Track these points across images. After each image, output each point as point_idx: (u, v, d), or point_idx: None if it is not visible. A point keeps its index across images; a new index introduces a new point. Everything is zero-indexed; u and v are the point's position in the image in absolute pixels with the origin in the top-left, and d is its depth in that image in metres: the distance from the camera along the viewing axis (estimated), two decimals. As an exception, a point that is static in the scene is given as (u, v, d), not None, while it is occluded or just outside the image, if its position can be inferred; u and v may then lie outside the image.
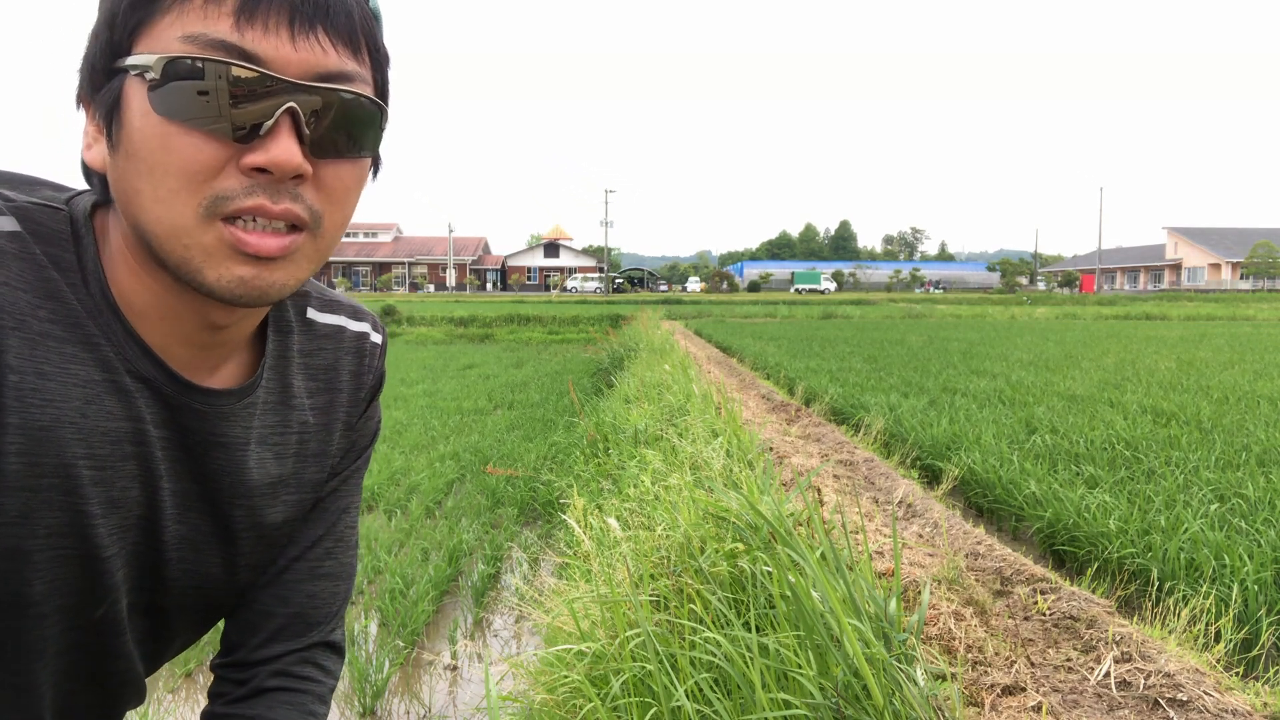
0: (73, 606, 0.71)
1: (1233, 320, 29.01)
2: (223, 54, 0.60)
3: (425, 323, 29.58)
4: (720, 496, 2.47)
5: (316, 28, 0.63)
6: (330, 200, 0.68)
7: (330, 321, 0.90)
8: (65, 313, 0.65)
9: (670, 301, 45.24)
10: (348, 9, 0.65)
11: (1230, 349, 14.56)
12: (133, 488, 0.71)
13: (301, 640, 0.92)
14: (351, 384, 0.91)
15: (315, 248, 0.69)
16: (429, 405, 10.63)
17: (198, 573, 0.81)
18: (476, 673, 3.72)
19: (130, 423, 0.70)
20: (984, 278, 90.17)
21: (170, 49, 0.60)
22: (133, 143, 0.62)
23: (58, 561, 0.68)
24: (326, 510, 0.93)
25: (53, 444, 0.64)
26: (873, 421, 6.88)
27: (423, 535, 5.32)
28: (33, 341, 0.63)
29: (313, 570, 0.92)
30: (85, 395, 0.66)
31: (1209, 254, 69.56)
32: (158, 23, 0.61)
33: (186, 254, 0.63)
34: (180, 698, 3.46)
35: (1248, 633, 3.03)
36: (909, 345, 16.51)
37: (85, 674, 0.78)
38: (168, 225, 0.63)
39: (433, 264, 75.91)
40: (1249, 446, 5.60)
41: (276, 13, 0.61)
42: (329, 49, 0.64)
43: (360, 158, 0.70)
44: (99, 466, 0.68)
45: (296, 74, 0.63)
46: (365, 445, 0.97)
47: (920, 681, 1.68)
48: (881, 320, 31.03)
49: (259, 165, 0.62)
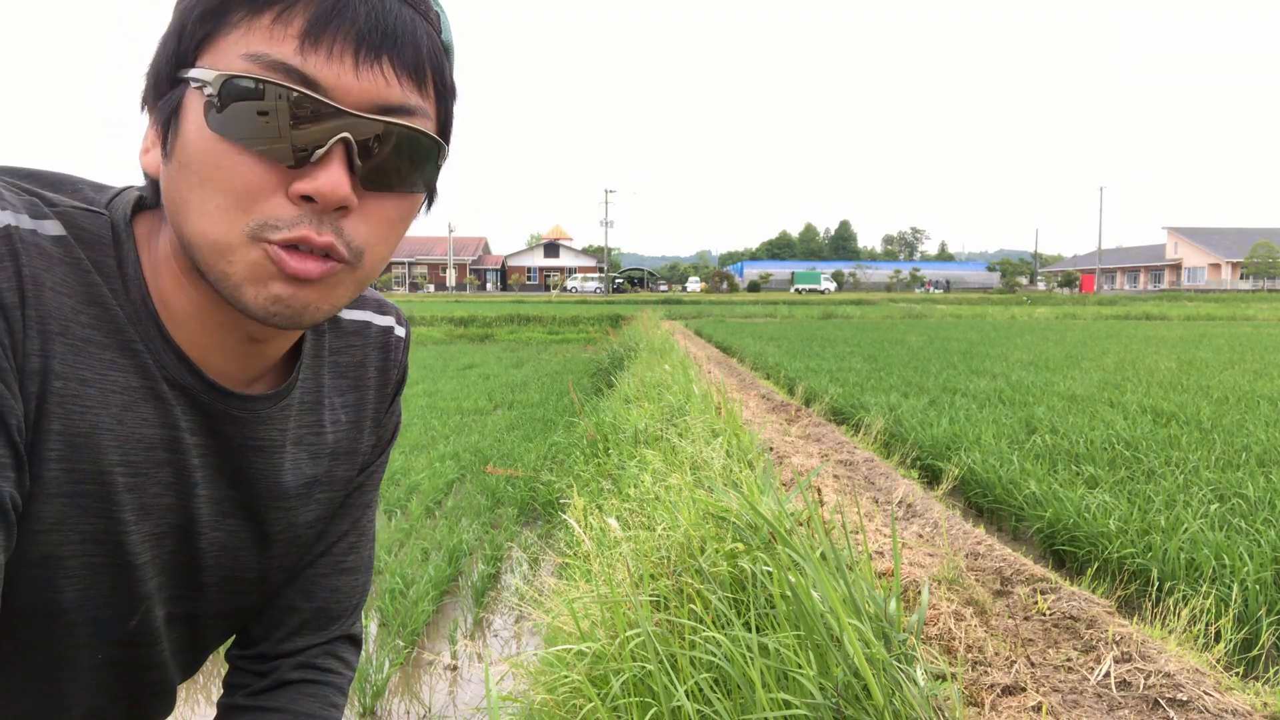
0: (107, 619, 0.71)
1: (1233, 320, 29.00)
2: (283, 77, 0.60)
3: (425, 323, 29.57)
4: (720, 496, 2.47)
5: (382, 58, 0.62)
6: (374, 233, 0.67)
7: (356, 317, 0.89)
8: (107, 318, 0.65)
9: (670, 301, 45.24)
10: (416, 41, 0.64)
11: (1230, 349, 14.56)
12: (166, 495, 0.71)
13: (325, 634, 0.92)
14: (378, 380, 0.91)
15: (354, 278, 0.68)
16: (429, 405, 10.63)
17: (234, 578, 0.81)
18: (476, 673, 3.72)
19: (165, 430, 0.69)
20: (984, 278, 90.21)
21: (233, 66, 0.60)
22: (186, 154, 0.62)
23: (90, 569, 0.67)
24: (352, 506, 0.93)
25: (90, 450, 0.64)
26: (873, 421, 6.88)
27: (423, 535, 5.32)
28: (75, 347, 0.63)
29: (337, 565, 0.92)
30: (123, 402, 0.66)
31: (1209, 254, 69.57)
32: (225, 38, 0.61)
33: (228, 270, 0.63)
34: (180, 698, 3.46)
35: (1248, 633, 3.03)
36: (909, 345, 16.51)
37: (118, 688, 0.78)
38: (211, 240, 0.62)
39: (433, 264, 75.92)
40: (1249, 446, 5.59)
41: (343, 39, 0.60)
42: (392, 80, 0.63)
43: (412, 193, 0.69)
44: (133, 473, 0.68)
45: (356, 104, 0.62)
46: (388, 441, 0.97)
47: (920, 681, 1.68)
48: (881, 320, 31.02)
49: (306, 193, 0.61)
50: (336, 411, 0.86)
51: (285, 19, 0.59)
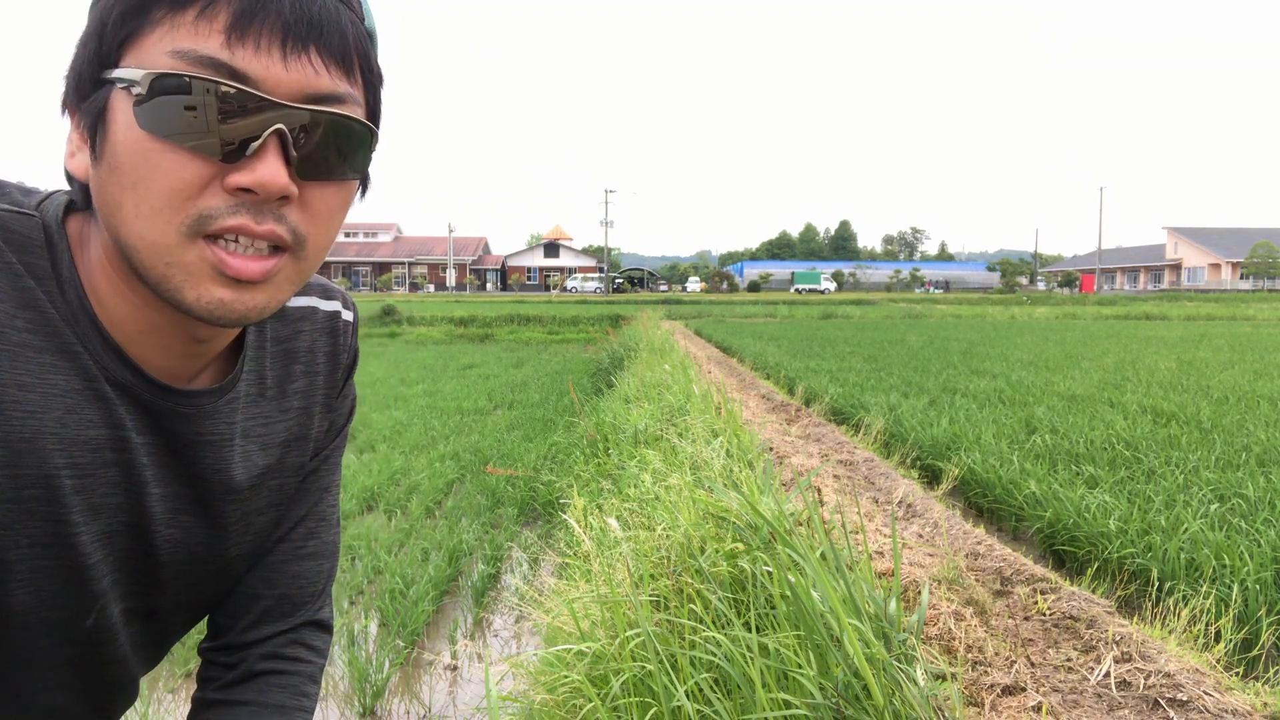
0: (62, 620, 0.71)
1: (1233, 320, 29.00)
2: (212, 72, 0.60)
3: (425, 323, 29.57)
4: (720, 496, 2.47)
5: (309, 48, 0.62)
6: (314, 222, 0.67)
7: (301, 303, 0.89)
8: (43, 322, 0.65)
9: (670, 301, 45.24)
10: (341, 29, 0.64)
11: (1230, 349, 14.56)
12: (115, 495, 0.71)
13: (289, 620, 0.92)
14: (328, 365, 0.91)
15: (297, 269, 0.68)
16: (429, 405, 10.63)
17: (192, 570, 0.81)
18: (476, 673, 3.72)
19: (111, 430, 0.69)
20: (984, 278, 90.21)
21: (159, 64, 0.60)
22: (116, 156, 0.61)
23: (40, 572, 0.67)
24: (308, 491, 0.93)
25: (34, 455, 0.64)
26: (873, 421, 6.88)
27: (423, 535, 5.32)
28: (12, 353, 0.63)
29: (297, 551, 0.92)
30: (65, 405, 0.66)
31: (1209, 254, 69.58)
32: (148, 36, 0.61)
33: (167, 272, 0.62)
34: (180, 698, 3.46)
35: (1248, 633, 3.03)
36: (909, 345, 16.51)
37: (78, 685, 0.79)
38: (149, 242, 0.62)
39: (433, 264, 75.94)
40: (1249, 446, 5.59)
41: (269, 32, 0.60)
42: (321, 70, 0.63)
43: (347, 180, 0.69)
44: (80, 475, 0.68)
45: (286, 94, 0.62)
46: (342, 424, 0.97)
47: (920, 681, 1.68)
48: (881, 320, 31.03)
49: (244, 185, 0.61)
50: (287, 399, 0.86)
51: (209, 14, 0.59)
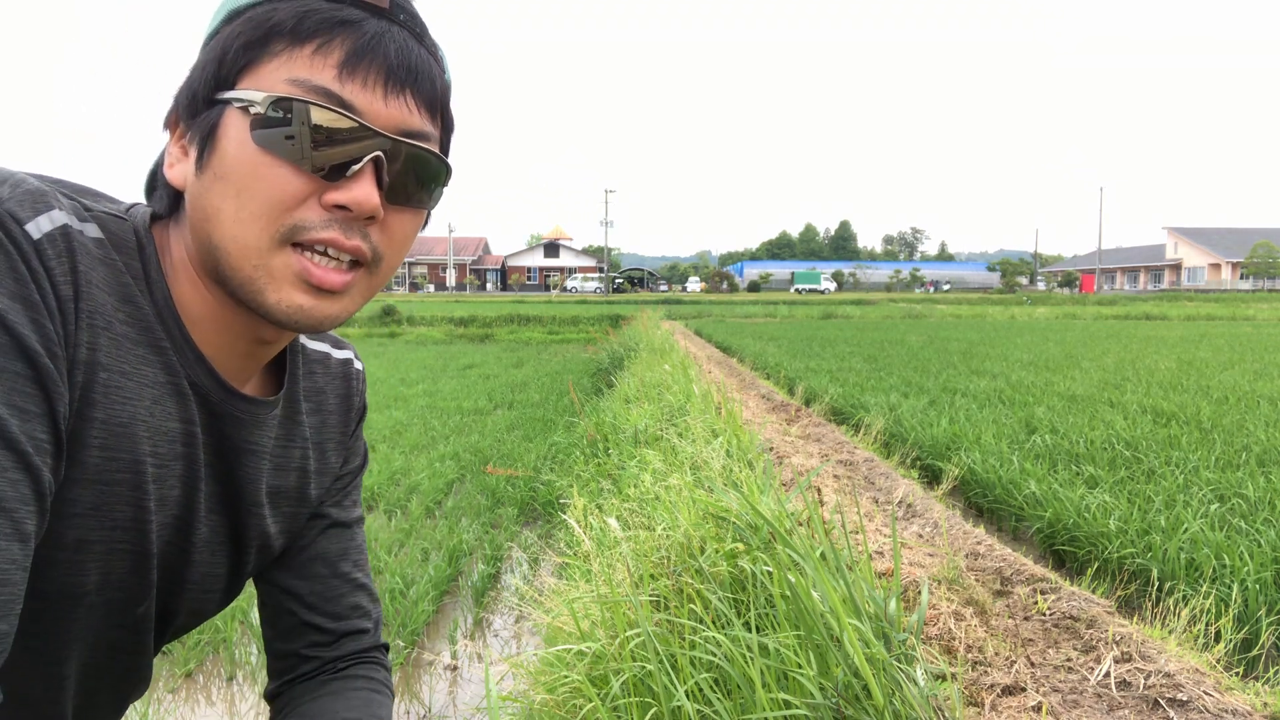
0: (119, 601, 0.75)
1: (1233, 320, 29.00)
2: (324, 100, 0.67)
3: (425, 323, 29.57)
4: (720, 496, 2.47)
5: (406, 90, 0.71)
6: (391, 243, 0.74)
7: (317, 348, 0.96)
8: (139, 317, 0.71)
9: (670, 301, 45.25)
10: (432, 78, 0.73)
11: (1230, 349, 14.56)
12: (177, 488, 0.76)
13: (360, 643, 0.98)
14: (340, 407, 0.97)
15: (369, 285, 0.75)
16: (429, 405, 10.63)
17: (209, 575, 0.85)
18: (476, 673, 3.72)
19: (184, 425, 0.74)
20: (984, 278, 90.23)
21: (276, 89, 0.67)
22: (225, 166, 0.68)
23: (113, 555, 0.71)
24: (346, 524, 0.99)
25: (128, 440, 0.69)
26: (873, 421, 6.88)
27: (423, 535, 5.32)
28: (116, 342, 0.68)
29: (350, 582, 0.98)
30: (153, 396, 0.71)
31: (1209, 254, 69.58)
32: (266, 65, 0.68)
33: (254, 274, 0.69)
34: (180, 698, 3.46)
35: (1248, 633, 3.03)
36: (909, 345, 16.51)
37: (111, 669, 0.82)
38: (241, 244, 0.68)
39: (433, 264, 75.98)
40: (1249, 446, 5.60)
41: (376, 72, 0.69)
42: (413, 110, 0.72)
43: (422, 208, 0.77)
44: (159, 464, 0.72)
45: (384, 127, 0.70)
46: (361, 465, 1.03)
47: (920, 681, 1.68)
48: (881, 320, 31.02)
49: (341, 203, 0.68)
50: (304, 429, 0.91)
51: (325, 50, 0.68)
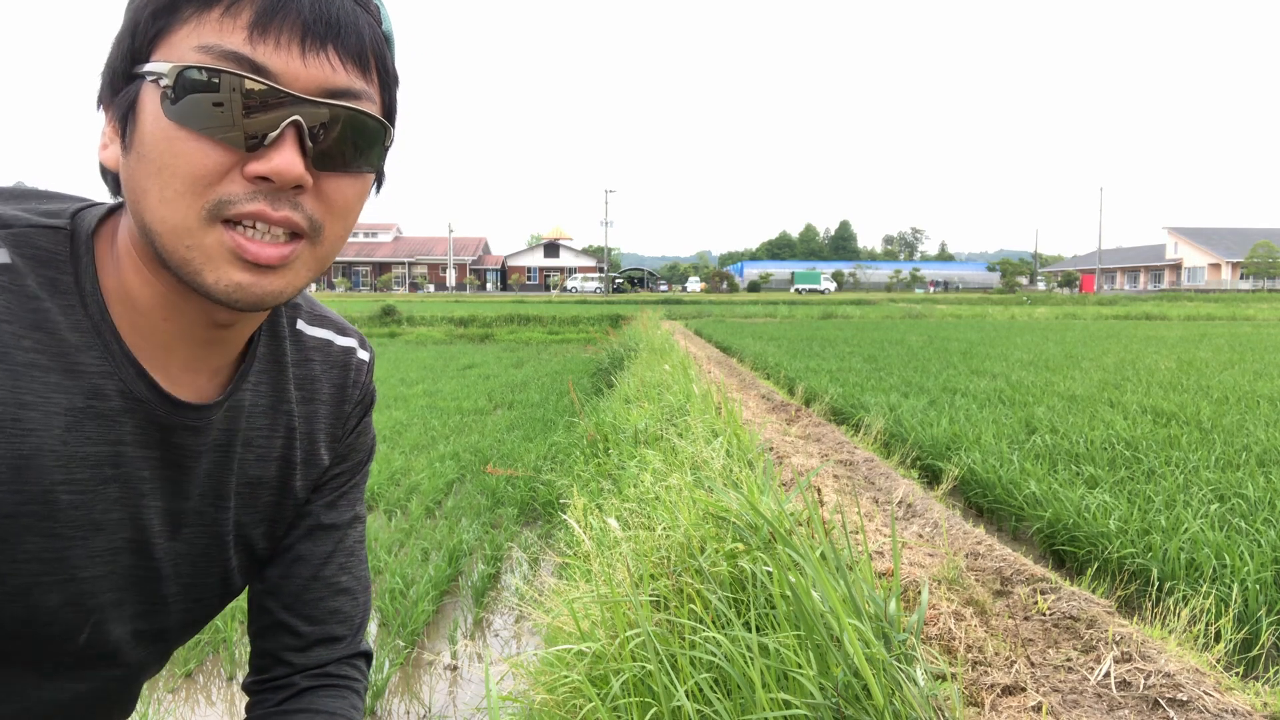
0: (54, 635, 0.72)
1: (1233, 320, 28.99)
2: (235, 65, 0.63)
3: (425, 323, 29.56)
4: (720, 496, 2.47)
5: (327, 46, 0.66)
6: (330, 212, 0.70)
7: (318, 335, 0.92)
8: (51, 342, 0.67)
9: (670, 301, 45.23)
10: (359, 30, 0.68)
11: (1230, 349, 14.56)
12: (115, 510, 0.73)
13: (333, 652, 0.95)
14: (334, 396, 0.93)
15: (314, 256, 0.71)
16: (429, 405, 10.63)
17: (196, 585, 0.83)
18: (476, 673, 3.72)
19: (110, 446, 0.71)
20: (984, 278, 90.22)
21: (185, 58, 0.63)
22: (144, 144, 0.65)
23: (34, 588, 0.69)
24: (334, 526, 0.95)
25: (33, 472, 0.66)
26: (873, 421, 6.88)
27: (423, 535, 5.32)
28: (15, 372, 0.65)
29: (331, 587, 0.94)
30: (65, 423, 0.68)
31: (1209, 254, 69.56)
32: (176, 32, 0.64)
33: (188, 255, 0.65)
34: (180, 698, 3.46)
35: (1248, 633, 3.03)
36: (909, 345, 16.51)
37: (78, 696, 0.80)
38: (171, 225, 0.65)
39: (433, 264, 75.96)
40: (1249, 446, 5.60)
41: (289, 29, 0.64)
42: (338, 67, 0.67)
43: (362, 173, 0.72)
44: (78, 491, 0.69)
45: (304, 89, 0.65)
46: (362, 461, 0.99)
47: (920, 681, 1.68)
48: (881, 320, 31.02)
49: (261, 174, 0.64)
50: (293, 419, 0.88)
51: (234, 11, 0.63)
